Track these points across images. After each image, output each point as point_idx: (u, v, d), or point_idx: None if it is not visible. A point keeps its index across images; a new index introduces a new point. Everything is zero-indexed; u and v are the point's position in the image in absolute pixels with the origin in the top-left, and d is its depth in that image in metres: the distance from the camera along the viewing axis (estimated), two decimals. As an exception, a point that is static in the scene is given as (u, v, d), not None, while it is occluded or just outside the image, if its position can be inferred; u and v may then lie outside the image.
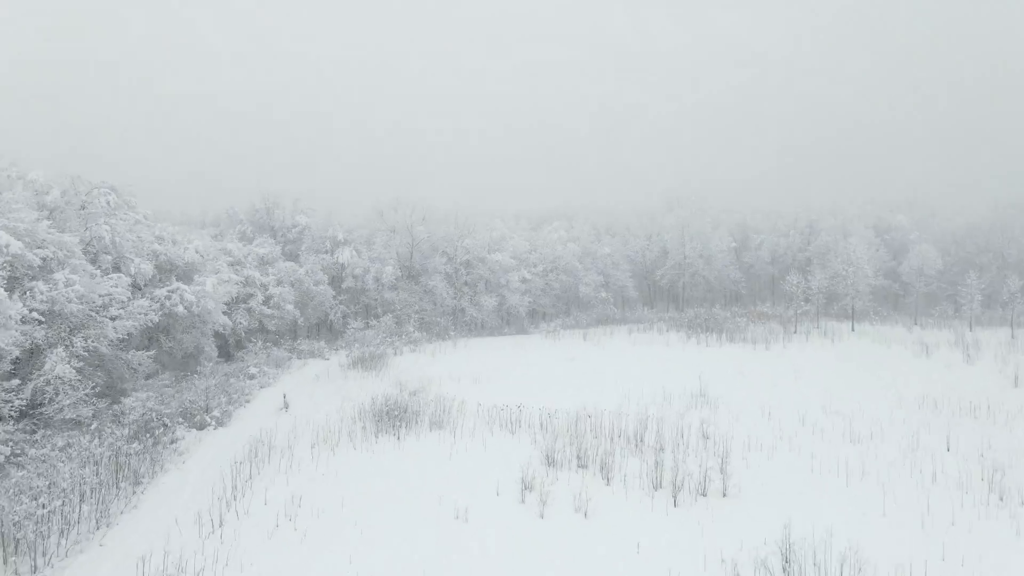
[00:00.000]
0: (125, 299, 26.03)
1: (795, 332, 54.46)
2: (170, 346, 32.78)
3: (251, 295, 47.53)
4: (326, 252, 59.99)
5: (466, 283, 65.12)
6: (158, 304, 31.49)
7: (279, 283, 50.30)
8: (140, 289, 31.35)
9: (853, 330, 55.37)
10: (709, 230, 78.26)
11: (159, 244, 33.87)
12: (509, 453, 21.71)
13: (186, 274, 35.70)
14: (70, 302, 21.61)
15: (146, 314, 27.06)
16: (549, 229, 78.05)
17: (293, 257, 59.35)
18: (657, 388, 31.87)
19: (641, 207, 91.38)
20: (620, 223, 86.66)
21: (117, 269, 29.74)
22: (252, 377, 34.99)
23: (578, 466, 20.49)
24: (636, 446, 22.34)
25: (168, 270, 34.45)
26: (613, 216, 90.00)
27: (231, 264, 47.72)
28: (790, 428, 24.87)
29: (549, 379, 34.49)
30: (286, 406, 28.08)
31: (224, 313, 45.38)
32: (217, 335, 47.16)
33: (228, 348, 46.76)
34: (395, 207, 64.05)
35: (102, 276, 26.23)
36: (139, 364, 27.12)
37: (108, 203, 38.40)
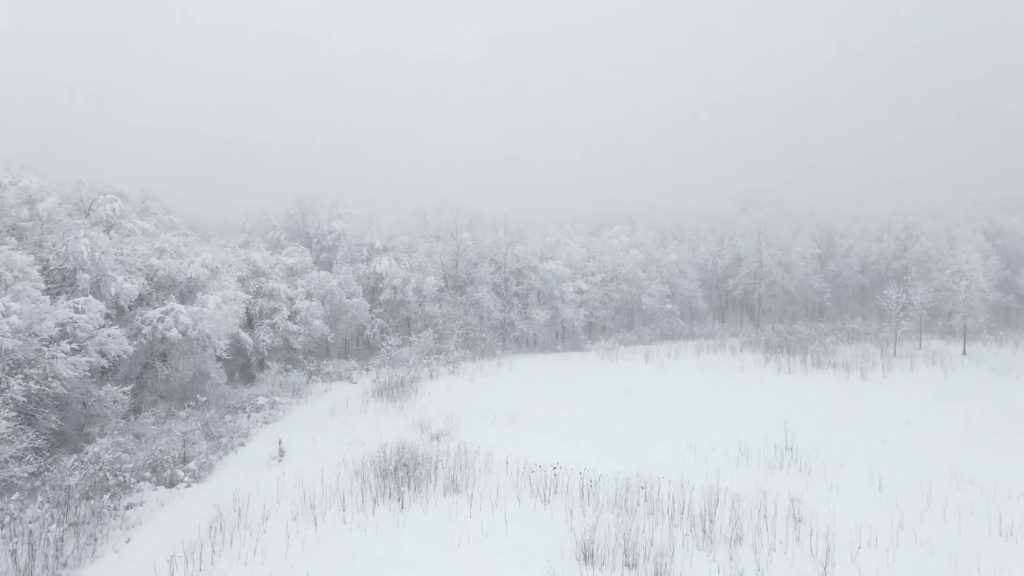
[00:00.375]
0: (93, 327, 22.67)
1: (894, 355, 47.60)
2: (167, 374, 29.53)
3: (276, 309, 44.36)
4: (363, 261, 56.61)
5: (516, 294, 60.65)
6: (150, 327, 28.19)
7: (309, 296, 47.01)
8: (126, 312, 28.16)
9: (965, 354, 48.01)
10: (789, 234, 71.36)
11: (157, 258, 30.71)
12: (535, 538, 17.02)
13: (190, 291, 32.52)
14: (4, 336, 18.24)
15: (120, 343, 23.64)
16: (609, 234, 72.83)
17: (328, 266, 56.27)
18: (731, 435, 26.52)
19: (712, 209, 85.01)
20: (688, 226, 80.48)
21: (96, 290, 26.59)
22: (259, 409, 31.42)
23: (624, 565, 15.62)
24: (704, 533, 17.24)
25: (168, 287, 31.30)
26: (680, 219, 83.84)
27: (253, 275, 44.69)
28: (912, 508, 19.20)
29: (599, 420, 29.52)
30: (281, 454, 24.18)
31: (244, 330, 42.37)
32: (239, 354, 44.24)
33: (250, 368, 43.73)
34: (439, 211, 60.18)
35: (53, 299, 22.94)
36: (115, 401, 23.73)
37: (113, 211, 35.74)
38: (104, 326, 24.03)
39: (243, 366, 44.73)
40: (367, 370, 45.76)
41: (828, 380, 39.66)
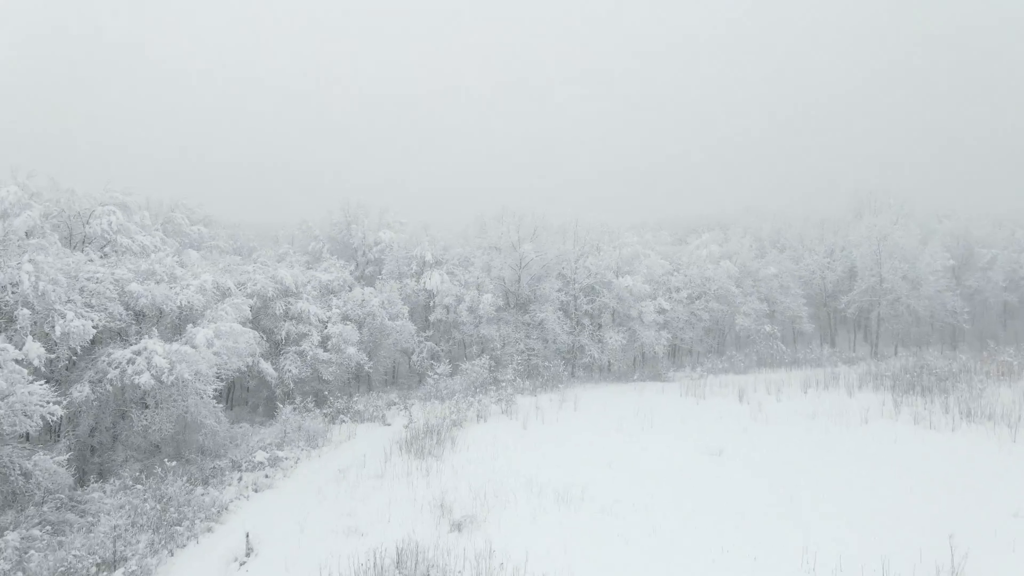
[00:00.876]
0: (7, 384, 18.07)
1: (1066, 401, 38.09)
2: (144, 425, 24.94)
3: (305, 335, 39.77)
4: (411, 276, 51.57)
5: (587, 314, 54.13)
6: (118, 371, 23.62)
7: (345, 318, 42.23)
8: (76, 357, 23.66)
9: None
10: (916, 243, 61.58)
11: (139, 283, 26.24)
12: None
13: (184, 321, 27.98)
14: None
15: (45, 405, 18.98)
16: (697, 243, 65.10)
17: (374, 281, 51.51)
18: (865, 544, 19.27)
19: (819, 213, 75.58)
20: (790, 233, 71.60)
21: (39, 329, 22.21)
22: (255, 467, 26.40)
23: None
24: None
25: (154, 318, 26.84)
26: (781, 224, 74.99)
27: (281, 295, 40.26)
28: None
29: (676, 506, 22.73)
30: (247, 554, 18.85)
31: (267, 359, 38.02)
32: (263, 386, 40.02)
33: (275, 402, 39.27)
34: (500, 218, 54.43)
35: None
36: (48, 475, 19.09)
37: (110, 224, 31.82)
38: (34, 380, 19.40)
39: (268, 399, 40.45)
40: (408, 405, 40.44)
41: (986, 441, 31.15)
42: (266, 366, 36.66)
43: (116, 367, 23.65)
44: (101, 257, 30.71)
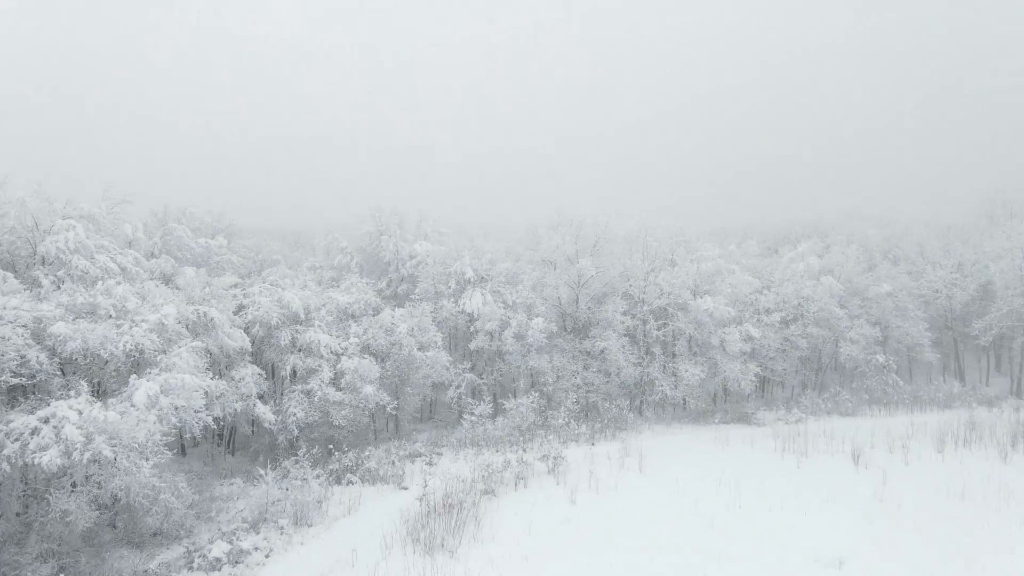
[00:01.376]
0: None
1: None
2: (62, 510, 19.60)
3: (314, 370, 34.23)
4: (449, 296, 45.45)
5: (658, 341, 46.85)
6: (18, 444, 18.29)
7: (364, 349, 36.53)
8: None
9: None
10: (1072, 257, 51.28)
11: (68, 323, 20.98)
12: None
13: (135, 368, 22.64)
14: None
15: None
16: (791, 255, 56.74)
17: (407, 301, 45.73)
18: None
19: (942, 219, 65.50)
20: (907, 243, 62.01)
21: None
22: (211, 566, 20.69)
23: None
24: None
25: (95, 367, 21.54)
26: (893, 231, 65.27)
27: (288, 322, 34.88)
28: None
29: None
30: None
31: (264, 401, 32.75)
32: (263, 433, 34.79)
33: (277, 450, 33.94)
34: (555, 227, 47.75)
35: None
36: None
37: (66, 242, 26.93)
38: None
39: (270, 446, 35.12)
40: (435, 457, 34.34)
41: None
42: (263, 409, 31.30)
43: (16, 439, 18.49)
44: (54, 284, 25.88)
